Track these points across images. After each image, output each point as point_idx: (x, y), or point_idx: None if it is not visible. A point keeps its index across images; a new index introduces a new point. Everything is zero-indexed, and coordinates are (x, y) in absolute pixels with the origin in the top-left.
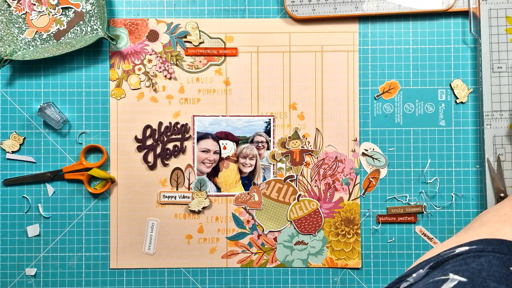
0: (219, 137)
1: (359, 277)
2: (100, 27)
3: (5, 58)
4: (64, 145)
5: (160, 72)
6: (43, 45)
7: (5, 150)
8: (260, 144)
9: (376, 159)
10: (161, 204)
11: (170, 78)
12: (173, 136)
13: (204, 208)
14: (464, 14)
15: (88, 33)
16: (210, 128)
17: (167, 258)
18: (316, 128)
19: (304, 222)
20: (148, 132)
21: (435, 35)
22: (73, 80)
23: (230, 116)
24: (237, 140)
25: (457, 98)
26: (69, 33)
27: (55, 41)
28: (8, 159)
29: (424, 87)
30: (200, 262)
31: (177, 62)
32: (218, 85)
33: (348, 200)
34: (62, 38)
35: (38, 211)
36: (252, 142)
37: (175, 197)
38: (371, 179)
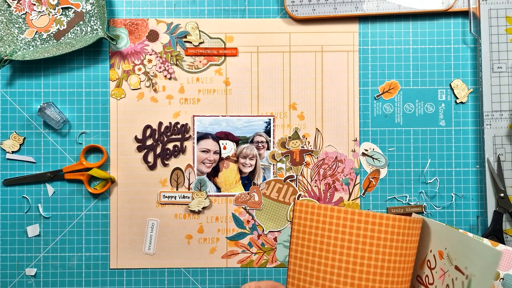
0: (219, 137)
1: None
2: (100, 27)
3: (5, 58)
4: (64, 145)
5: (160, 72)
6: (43, 45)
7: (5, 150)
8: (260, 144)
9: (376, 159)
10: (161, 204)
11: (170, 78)
12: (173, 136)
13: (204, 208)
14: (464, 14)
15: (88, 33)
16: (210, 128)
17: (167, 258)
18: (316, 128)
19: None
20: (148, 132)
21: (435, 35)
22: (73, 80)
23: (230, 116)
24: (237, 140)
25: (457, 98)
26: (69, 33)
27: (55, 41)
28: (8, 159)
29: (424, 87)
30: (200, 262)
31: (177, 62)
32: (218, 85)
33: (348, 200)
34: (62, 38)
35: (38, 211)
36: (252, 142)
37: (175, 197)
38: (371, 179)
